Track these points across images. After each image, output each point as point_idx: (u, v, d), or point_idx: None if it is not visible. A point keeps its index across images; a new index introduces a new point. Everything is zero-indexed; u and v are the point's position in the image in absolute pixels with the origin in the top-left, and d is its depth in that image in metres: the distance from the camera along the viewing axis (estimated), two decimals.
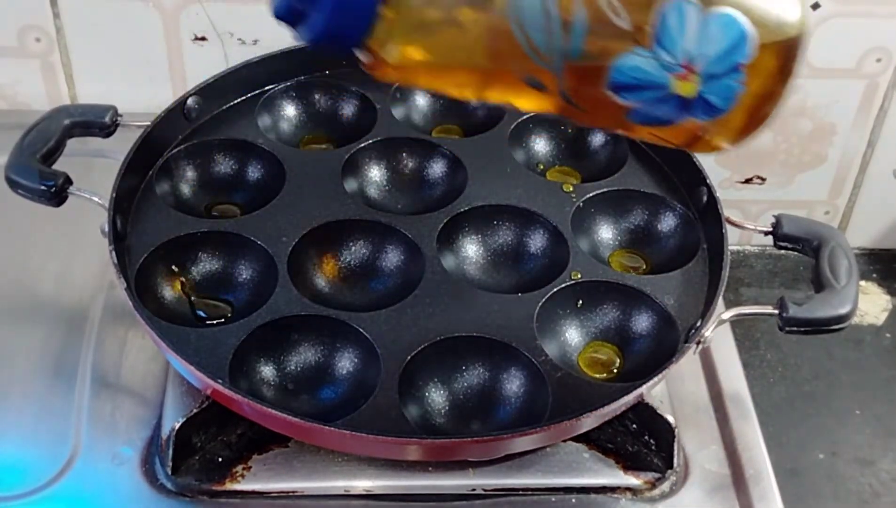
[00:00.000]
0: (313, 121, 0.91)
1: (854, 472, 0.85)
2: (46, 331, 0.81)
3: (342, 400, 0.71)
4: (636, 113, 0.54)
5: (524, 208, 0.81)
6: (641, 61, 0.51)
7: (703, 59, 0.52)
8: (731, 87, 0.53)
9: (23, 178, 0.75)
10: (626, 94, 0.52)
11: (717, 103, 0.53)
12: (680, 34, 0.51)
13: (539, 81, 0.52)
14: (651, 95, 0.52)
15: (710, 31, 0.51)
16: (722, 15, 0.51)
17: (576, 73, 0.52)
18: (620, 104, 0.53)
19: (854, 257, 0.75)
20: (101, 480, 0.72)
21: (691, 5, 0.51)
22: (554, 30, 0.50)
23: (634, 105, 0.53)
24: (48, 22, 0.95)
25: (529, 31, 0.50)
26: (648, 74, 0.52)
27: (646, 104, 0.53)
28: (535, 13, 0.50)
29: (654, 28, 0.51)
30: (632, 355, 0.76)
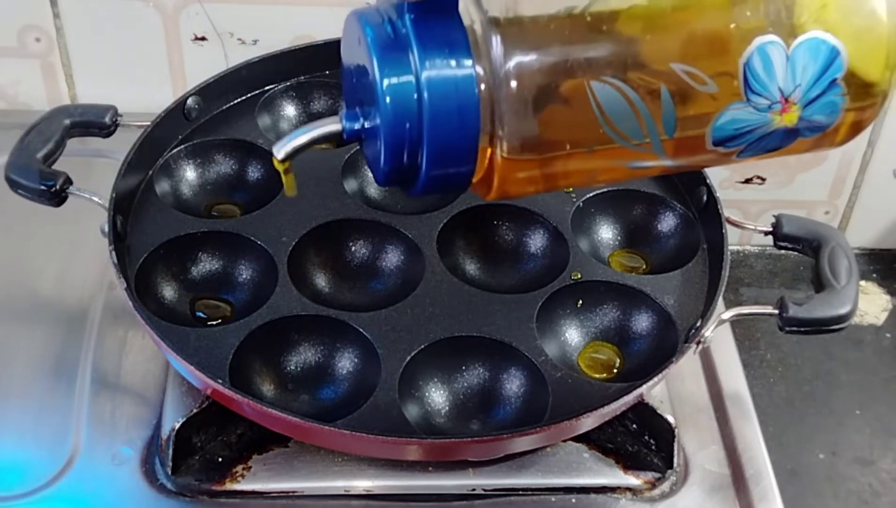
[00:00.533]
0: (313, 121, 0.91)
1: (854, 472, 0.85)
2: (46, 331, 0.81)
3: (342, 400, 0.71)
4: (744, 153, 0.53)
5: (524, 208, 0.81)
6: (738, 114, 0.51)
7: (799, 88, 0.51)
8: (833, 102, 0.52)
9: (23, 178, 0.75)
10: (731, 143, 0.52)
11: (822, 121, 0.53)
12: (770, 76, 0.50)
13: (643, 163, 0.52)
14: (755, 135, 0.52)
15: (800, 60, 0.51)
16: (808, 41, 0.51)
17: (676, 144, 0.52)
18: (726, 152, 0.53)
19: (854, 257, 0.75)
20: (101, 480, 0.72)
21: (774, 45, 0.50)
22: (645, 120, 0.50)
23: (741, 148, 0.53)
24: (48, 22, 0.95)
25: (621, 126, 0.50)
26: (748, 122, 0.51)
27: (752, 144, 0.53)
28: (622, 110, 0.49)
29: (743, 80, 0.50)
30: (632, 355, 0.76)
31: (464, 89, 0.48)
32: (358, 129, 0.53)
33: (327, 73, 0.92)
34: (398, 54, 0.48)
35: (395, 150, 0.49)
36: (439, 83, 0.47)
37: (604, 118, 0.49)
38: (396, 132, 0.48)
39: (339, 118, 0.53)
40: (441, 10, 0.48)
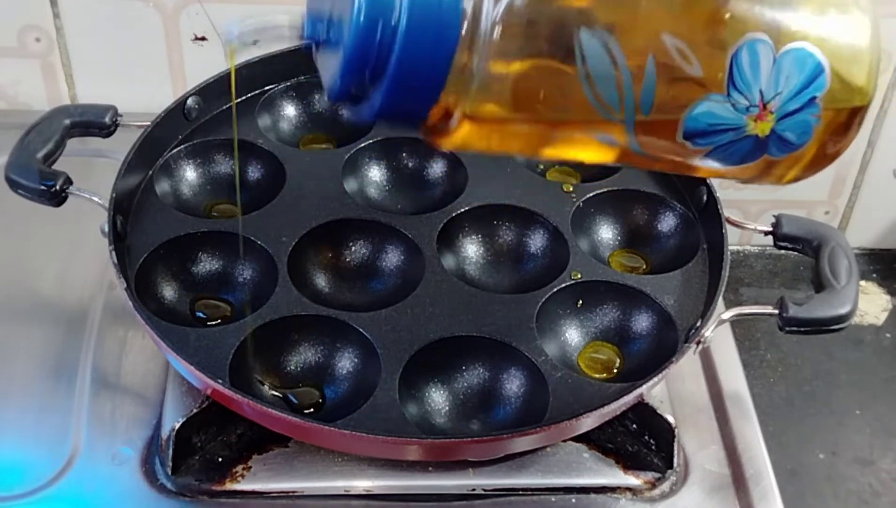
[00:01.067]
0: (313, 121, 0.91)
1: (854, 472, 0.85)
2: (46, 331, 0.81)
3: (342, 400, 0.71)
4: (710, 155, 0.52)
5: (524, 208, 0.81)
6: (716, 107, 0.50)
7: (779, 97, 0.50)
8: (806, 121, 0.51)
9: (23, 178, 0.75)
10: (701, 140, 0.51)
11: (792, 139, 0.52)
12: (754, 75, 0.49)
13: (611, 137, 0.50)
14: (726, 137, 0.51)
15: (786, 68, 0.50)
16: (797, 50, 0.50)
17: (648, 126, 0.50)
18: (693, 150, 0.51)
19: (854, 257, 0.75)
20: (101, 480, 0.72)
21: (763, 44, 0.49)
22: (625, 85, 0.48)
23: (709, 149, 0.52)
24: (48, 22, 0.95)
25: (600, 88, 0.48)
26: (724, 118, 0.50)
27: (719, 148, 0.51)
28: (605, 70, 0.47)
29: (728, 72, 0.49)
30: (632, 355, 0.76)
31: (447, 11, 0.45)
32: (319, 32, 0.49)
33: None
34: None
35: (359, 60, 0.46)
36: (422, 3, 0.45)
37: (586, 75, 0.48)
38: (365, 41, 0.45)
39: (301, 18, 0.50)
40: None
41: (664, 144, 0.51)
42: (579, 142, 0.52)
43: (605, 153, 0.51)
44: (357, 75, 0.47)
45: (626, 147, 0.51)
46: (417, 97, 0.47)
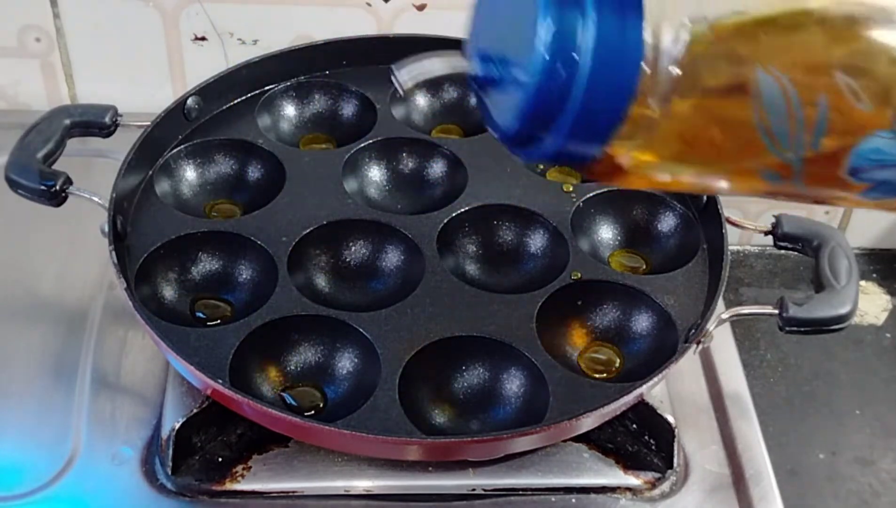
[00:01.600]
0: (313, 121, 0.91)
1: (854, 472, 0.85)
2: (46, 331, 0.81)
3: (342, 400, 0.71)
4: (870, 191, 0.52)
5: (524, 208, 0.81)
6: (883, 143, 0.49)
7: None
8: None
9: (23, 178, 0.75)
10: (865, 175, 0.50)
11: None
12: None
13: (776, 173, 0.50)
14: (891, 173, 0.51)
15: None
16: None
17: (814, 161, 0.50)
18: (855, 185, 0.51)
19: (854, 257, 0.75)
20: (101, 480, 0.72)
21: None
22: (797, 122, 0.48)
23: (871, 185, 0.51)
24: (48, 22, 0.95)
25: (773, 125, 0.48)
26: (891, 154, 0.50)
27: (883, 183, 0.51)
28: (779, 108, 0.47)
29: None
30: (632, 355, 0.76)
31: (630, 54, 0.45)
32: (489, 76, 0.49)
33: (327, 73, 0.92)
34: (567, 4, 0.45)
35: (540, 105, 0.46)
36: (606, 41, 0.44)
37: (759, 113, 0.48)
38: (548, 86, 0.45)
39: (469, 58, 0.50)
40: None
41: (827, 179, 0.51)
42: (744, 177, 0.52)
43: (767, 187, 0.52)
44: (537, 119, 0.47)
45: (789, 182, 0.51)
46: (593, 138, 0.47)
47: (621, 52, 0.44)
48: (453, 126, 0.92)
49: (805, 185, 0.51)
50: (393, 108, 0.90)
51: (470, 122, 0.91)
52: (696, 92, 0.47)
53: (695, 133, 0.49)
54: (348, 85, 0.91)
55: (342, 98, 0.91)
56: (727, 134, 0.49)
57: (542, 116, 0.46)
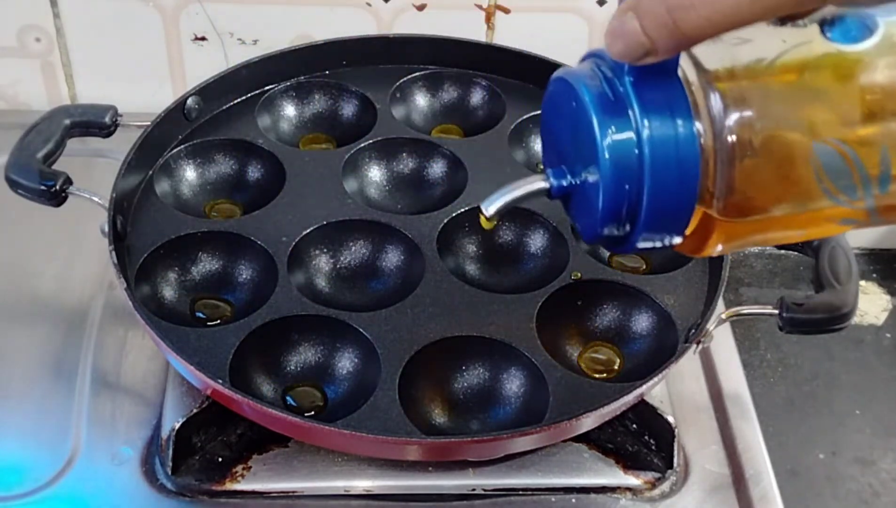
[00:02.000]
0: (313, 121, 0.91)
1: (854, 472, 0.85)
2: (46, 331, 0.81)
3: (342, 400, 0.71)
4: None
5: (524, 208, 0.81)
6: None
7: None
8: None
9: (23, 178, 0.75)
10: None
11: None
12: None
13: (852, 219, 0.51)
14: None
15: None
16: None
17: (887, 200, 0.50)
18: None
19: (854, 257, 0.75)
20: (101, 480, 0.72)
21: None
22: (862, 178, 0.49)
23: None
24: (48, 22, 0.95)
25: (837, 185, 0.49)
26: None
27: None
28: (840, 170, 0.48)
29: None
30: (632, 355, 0.76)
31: (685, 147, 0.47)
32: (566, 186, 0.52)
33: (327, 73, 0.92)
34: (618, 112, 0.48)
35: (613, 208, 0.49)
36: (661, 141, 0.47)
37: (820, 177, 0.49)
38: (616, 190, 0.48)
39: (546, 176, 0.53)
40: (660, 72, 0.47)
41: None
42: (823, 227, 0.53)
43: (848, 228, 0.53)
44: (613, 219, 0.49)
45: (868, 222, 0.52)
46: (671, 226, 0.49)
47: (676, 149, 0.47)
48: (453, 126, 0.92)
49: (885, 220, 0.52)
50: (393, 108, 0.90)
51: (470, 122, 0.91)
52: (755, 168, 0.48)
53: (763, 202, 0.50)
54: (348, 85, 0.91)
55: (342, 98, 0.91)
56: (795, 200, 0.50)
57: (620, 213, 0.49)
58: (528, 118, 0.89)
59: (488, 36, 0.98)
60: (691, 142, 0.47)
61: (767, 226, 0.52)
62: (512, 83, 0.92)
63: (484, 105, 0.92)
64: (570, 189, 0.52)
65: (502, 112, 0.90)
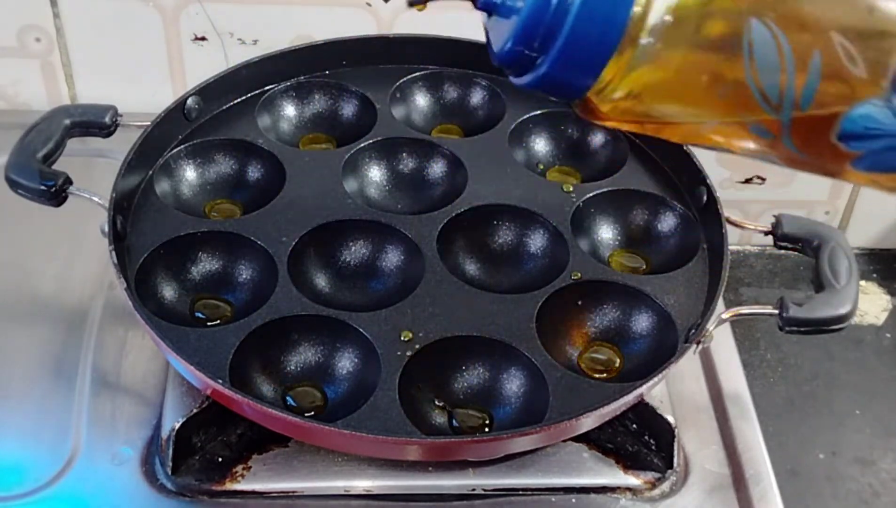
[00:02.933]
0: (313, 121, 0.91)
1: (854, 472, 0.85)
2: (46, 331, 0.81)
3: (342, 400, 0.71)
4: (861, 161, 0.52)
5: (524, 208, 0.81)
6: (875, 111, 0.49)
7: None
8: None
9: (23, 178, 0.75)
10: (855, 143, 0.51)
11: None
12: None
13: (765, 129, 0.51)
14: (881, 144, 0.51)
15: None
16: None
17: (804, 122, 0.50)
18: (846, 152, 0.51)
19: (854, 257, 0.75)
20: (101, 480, 0.72)
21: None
22: (788, 78, 0.48)
23: (861, 154, 0.51)
24: (48, 22, 0.95)
25: (763, 79, 0.48)
26: (882, 124, 0.50)
27: (874, 153, 0.51)
28: (771, 61, 0.48)
29: (892, 79, 0.49)
30: (632, 355, 0.76)
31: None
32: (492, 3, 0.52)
33: (327, 72, 0.92)
34: None
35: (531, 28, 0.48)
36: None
37: (751, 65, 0.48)
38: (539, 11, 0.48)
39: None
40: None
41: (817, 143, 0.51)
42: (733, 130, 0.52)
43: (757, 144, 0.52)
44: (528, 42, 0.49)
45: (779, 141, 0.51)
46: (581, 72, 0.49)
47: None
48: (453, 126, 0.92)
49: (795, 146, 0.51)
50: (393, 108, 0.90)
51: (470, 122, 0.91)
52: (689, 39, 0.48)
53: (685, 80, 0.50)
54: (348, 85, 0.91)
55: (342, 98, 0.91)
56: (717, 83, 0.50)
57: (535, 38, 0.48)
58: (528, 118, 0.89)
59: None
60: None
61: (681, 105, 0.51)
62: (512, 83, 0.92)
63: (484, 105, 0.92)
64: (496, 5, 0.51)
65: (502, 112, 0.90)
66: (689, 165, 0.83)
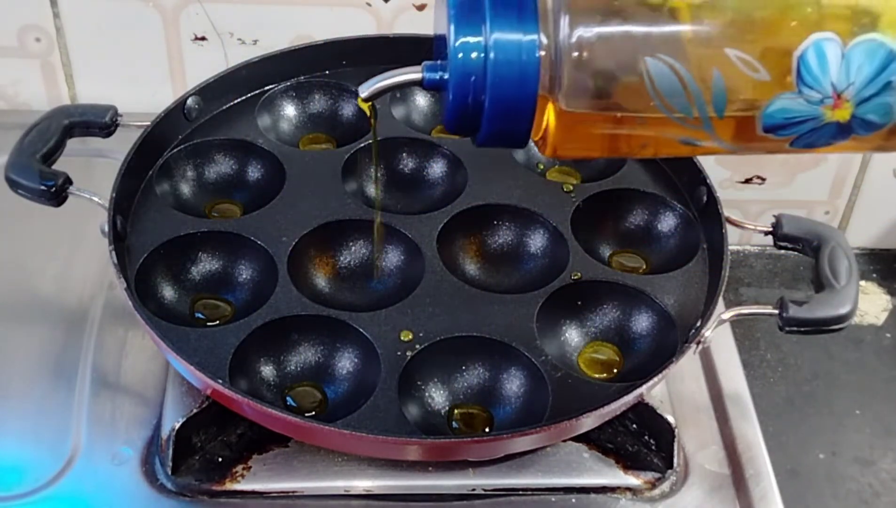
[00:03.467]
0: (313, 121, 0.91)
1: (854, 472, 0.85)
2: (46, 331, 0.81)
3: (342, 400, 0.71)
4: (797, 142, 0.54)
5: (524, 208, 0.81)
6: (789, 103, 0.52)
7: (852, 86, 0.52)
8: (887, 103, 0.53)
9: (23, 178, 0.75)
10: (782, 131, 0.53)
11: (876, 120, 0.53)
12: (823, 71, 0.51)
13: (693, 139, 0.54)
14: (807, 127, 0.53)
15: (856, 60, 0.51)
16: (866, 42, 0.51)
17: (726, 126, 0.53)
18: (778, 140, 0.54)
19: (854, 257, 0.75)
20: (101, 480, 0.72)
21: (831, 42, 0.51)
22: (695, 97, 0.52)
23: (792, 138, 0.54)
24: (48, 22, 0.95)
25: (672, 102, 0.52)
26: (799, 112, 0.52)
27: (805, 135, 0.54)
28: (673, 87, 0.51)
29: (796, 72, 0.51)
30: (632, 355, 0.76)
31: (527, 54, 0.52)
32: (437, 79, 0.57)
33: (327, 72, 0.92)
34: (473, 17, 0.52)
35: (459, 100, 0.54)
36: (504, 46, 0.52)
37: (655, 92, 0.52)
38: (462, 84, 0.53)
39: (422, 68, 0.58)
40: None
41: (749, 138, 0.54)
42: (665, 145, 0.56)
43: (695, 150, 0.56)
44: (461, 110, 0.54)
45: (712, 144, 0.55)
46: (514, 124, 0.54)
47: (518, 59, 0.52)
48: None
49: (728, 144, 0.54)
50: (393, 108, 0.90)
51: None
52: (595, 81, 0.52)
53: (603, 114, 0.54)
54: (348, 85, 0.91)
55: (342, 98, 0.91)
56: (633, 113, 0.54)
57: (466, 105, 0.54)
58: None
59: None
60: (532, 50, 0.52)
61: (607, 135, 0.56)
62: None
63: None
64: (440, 83, 0.57)
65: None
66: (689, 166, 0.83)
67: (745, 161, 1.03)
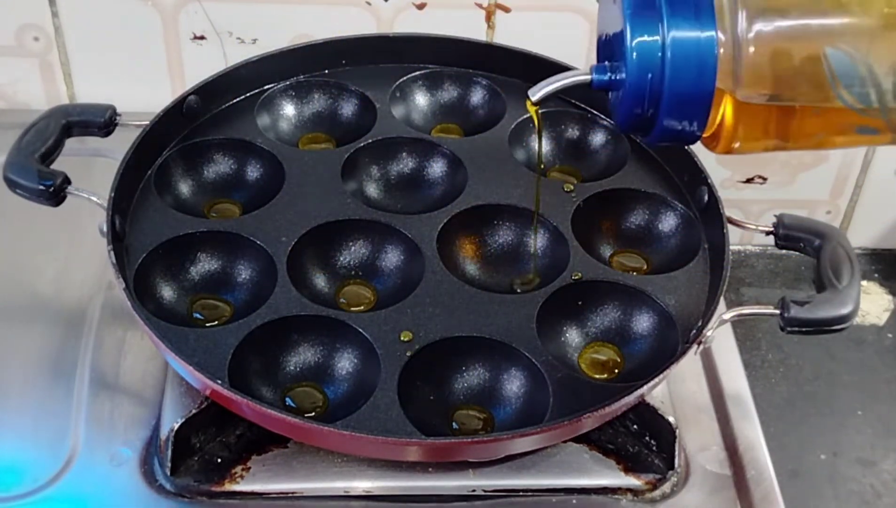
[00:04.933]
0: (313, 121, 0.91)
1: (856, 473, 0.85)
2: (45, 331, 0.81)
3: (341, 400, 0.71)
4: None
5: (524, 208, 0.81)
6: None
7: None
8: None
9: (21, 177, 0.74)
10: None
11: None
12: None
13: (870, 127, 0.56)
14: None
15: None
16: None
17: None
18: None
19: (856, 257, 0.75)
20: (100, 480, 0.72)
21: None
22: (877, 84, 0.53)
23: None
24: (47, 21, 0.95)
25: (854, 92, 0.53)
26: None
27: None
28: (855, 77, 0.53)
29: None
30: (632, 355, 0.75)
31: (704, 52, 0.53)
32: (606, 80, 0.58)
33: (326, 72, 0.91)
34: (649, 15, 0.53)
35: (636, 99, 0.55)
36: (683, 44, 0.53)
37: (835, 83, 0.53)
38: (639, 83, 0.54)
39: (590, 70, 0.59)
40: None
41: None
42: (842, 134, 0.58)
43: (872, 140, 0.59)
44: (637, 109, 0.55)
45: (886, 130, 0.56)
46: (689, 122, 0.55)
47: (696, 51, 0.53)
48: (453, 126, 0.92)
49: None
50: (393, 107, 0.89)
51: (470, 121, 0.91)
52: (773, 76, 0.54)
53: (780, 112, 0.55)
54: (348, 85, 0.91)
55: (342, 98, 0.91)
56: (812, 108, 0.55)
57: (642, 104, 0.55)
58: (528, 118, 0.89)
59: (488, 35, 0.98)
60: (710, 47, 0.53)
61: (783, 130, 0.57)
62: (512, 82, 0.92)
63: (484, 104, 0.92)
64: (610, 84, 0.58)
65: (502, 112, 0.90)
66: (690, 165, 0.83)
67: (746, 160, 1.03)
